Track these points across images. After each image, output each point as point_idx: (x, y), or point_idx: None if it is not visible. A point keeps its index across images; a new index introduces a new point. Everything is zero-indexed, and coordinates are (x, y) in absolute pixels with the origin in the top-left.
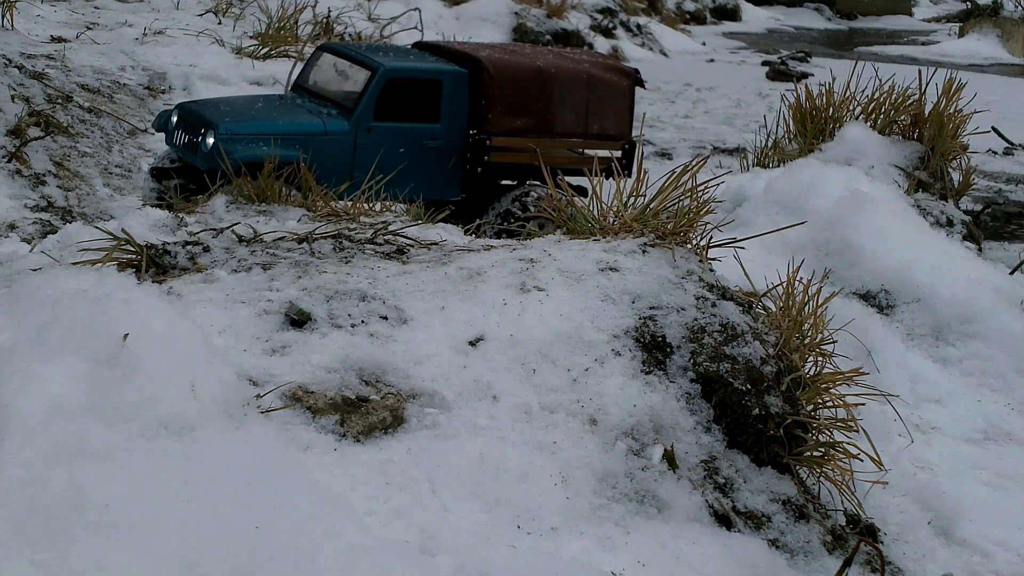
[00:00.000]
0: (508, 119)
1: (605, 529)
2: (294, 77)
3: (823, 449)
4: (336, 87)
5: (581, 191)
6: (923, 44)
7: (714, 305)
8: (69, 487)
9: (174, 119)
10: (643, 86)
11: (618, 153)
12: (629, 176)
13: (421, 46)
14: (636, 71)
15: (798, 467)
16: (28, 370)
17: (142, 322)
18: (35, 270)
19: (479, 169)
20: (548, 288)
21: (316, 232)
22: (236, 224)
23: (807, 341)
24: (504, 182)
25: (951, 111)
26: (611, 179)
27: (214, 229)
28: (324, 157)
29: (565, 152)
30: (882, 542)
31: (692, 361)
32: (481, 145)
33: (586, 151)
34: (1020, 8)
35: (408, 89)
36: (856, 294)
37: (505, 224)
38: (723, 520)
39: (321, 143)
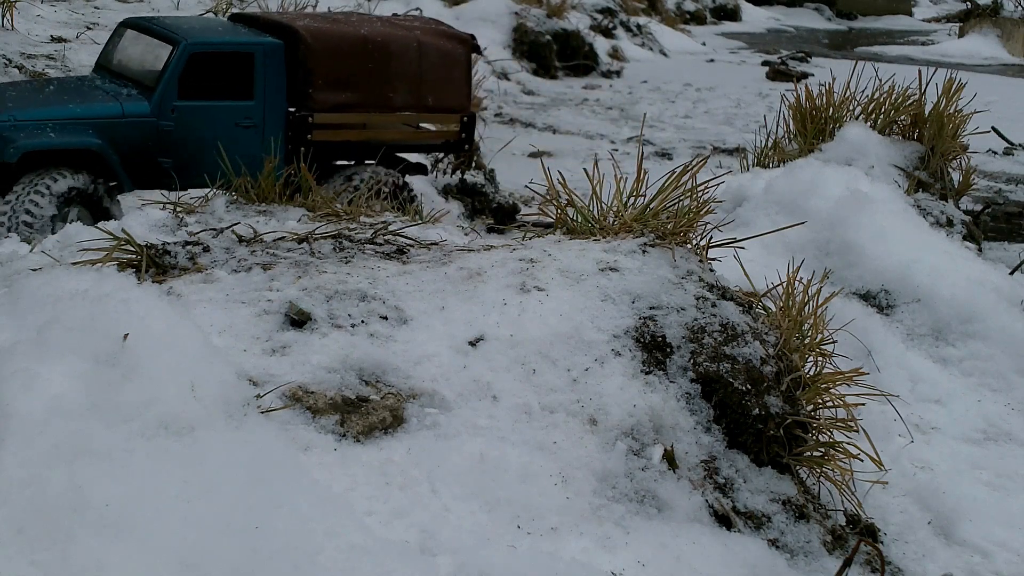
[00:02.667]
0: (332, 93)
1: (605, 529)
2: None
3: (823, 449)
4: (138, 66)
5: (420, 168)
6: (923, 44)
7: (714, 305)
8: (69, 487)
9: None
10: (480, 52)
11: (456, 126)
12: (468, 152)
13: (236, 18)
14: (472, 36)
15: (798, 467)
16: (28, 370)
17: (142, 322)
18: (35, 270)
19: (302, 149)
20: (548, 288)
21: (316, 232)
22: (236, 224)
23: (807, 341)
24: (339, 163)
25: (951, 111)
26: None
27: (214, 229)
28: (124, 143)
29: (400, 127)
30: (882, 542)
31: (692, 361)
32: (303, 123)
33: (423, 125)
34: (1020, 8)
35: (215, 64)
36: (856, 294)
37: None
38: (723, 520)
39: (119, 128)
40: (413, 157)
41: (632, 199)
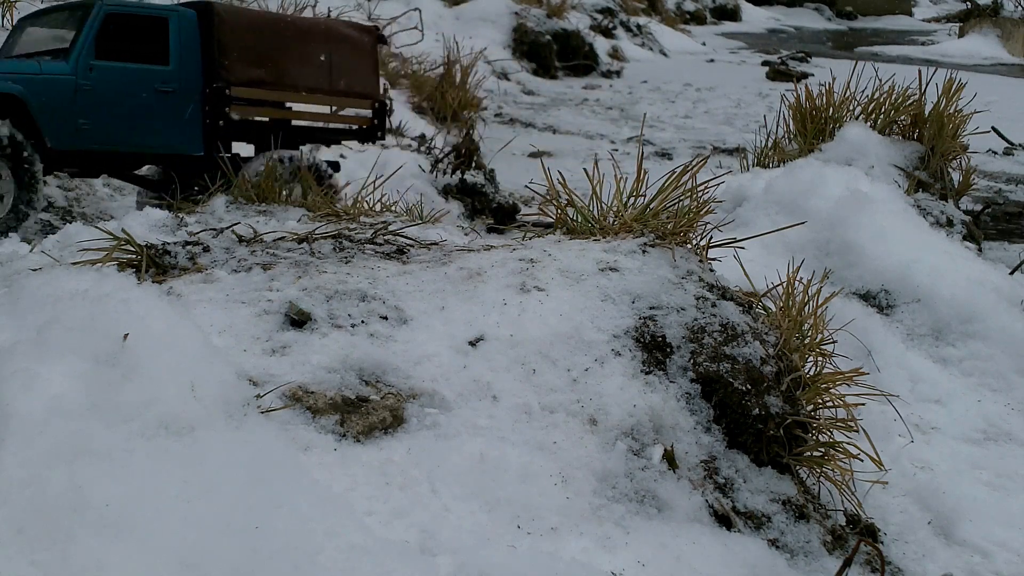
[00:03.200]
0: (246, 68)
1: (605, 529)
2: None
3: (823, 449)
4: (50, 45)
5: (334, 165)
6: (923, 44)
7: (714, 305)
8: (69, 487)
9: None
10: (386, 43)
11: (368, 112)
12: (382, 139)
13: None
14: (378, 27)
15: (798, 467)
16: (28, 370)
17: (142, 322)
18: (35, 270)
19: (221, 122)
20: (548, 288)
21: (316, 232)
22: (236, 224)
23: (807, 341)
24: (248, 144)
25: (951, 111)
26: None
27: (214, 229)
28: (44, 98)
29: (315, 109)
30: (882, 542)
31: (692, 361)
32: (220, 95)
33: (336, 110)
34: (1020, 8)
35: (131, 27)
36: (856, 294)
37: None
38: (723, 520)
39: (39, 83)
40: (325, 155)
41: (632, 199)
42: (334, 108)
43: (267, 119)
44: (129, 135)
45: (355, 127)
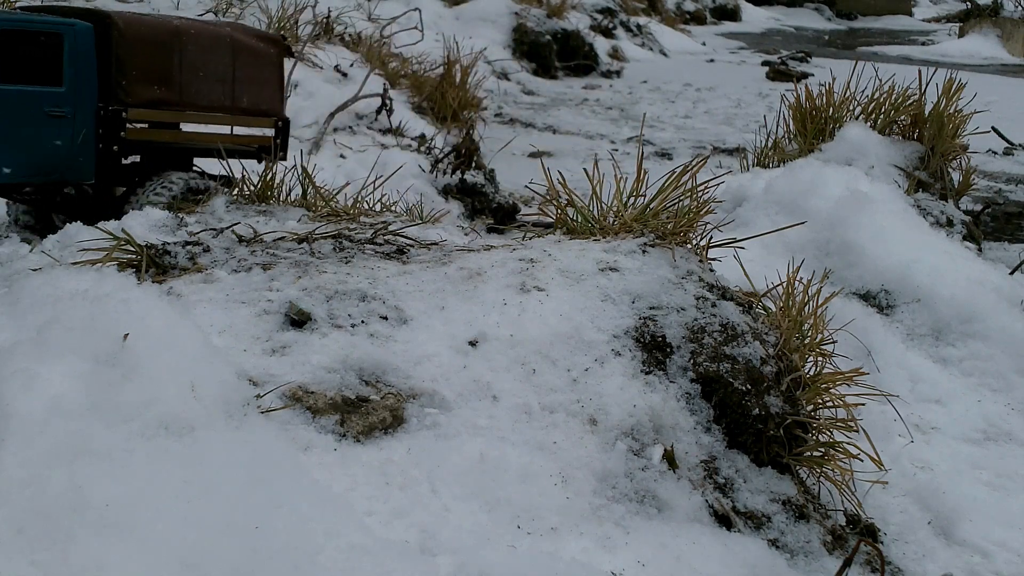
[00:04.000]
0: (145, 88)
1: (605, 529)
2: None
3: (823, 449)
4: None
5: (226, 181)
6: (923, 44)
7: (714, 305)
8: (69, 487)
9: None
10: (292, 55)
11: (271, 131)
12: (283, 159)
13: (48, 9)
14: (284, 37)
15: (798, 467)
16: (28, 370)
17: (142, 322)
18: (35, 270)
19: (115, 147)
20: (548, 288)
21: (316, 232)
22: (236, 224)
23: (807, 341)
24: (139, 167)
25: (951, 111)
26: (264, 162)
27: (214, 229)
28: None
29: (216, 130)
30: (882, 542)
31: (692, 361)
32: (116, 119)
33: (237, 130)
34: (1020, 8)
35: (18, 43)
36: (856, 294)
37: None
38: (723, 520)
39: None
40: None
41: (632, 199)
42: (233, 128)
43: (164, 141)
44: (17, 158)
45: (254, 147)
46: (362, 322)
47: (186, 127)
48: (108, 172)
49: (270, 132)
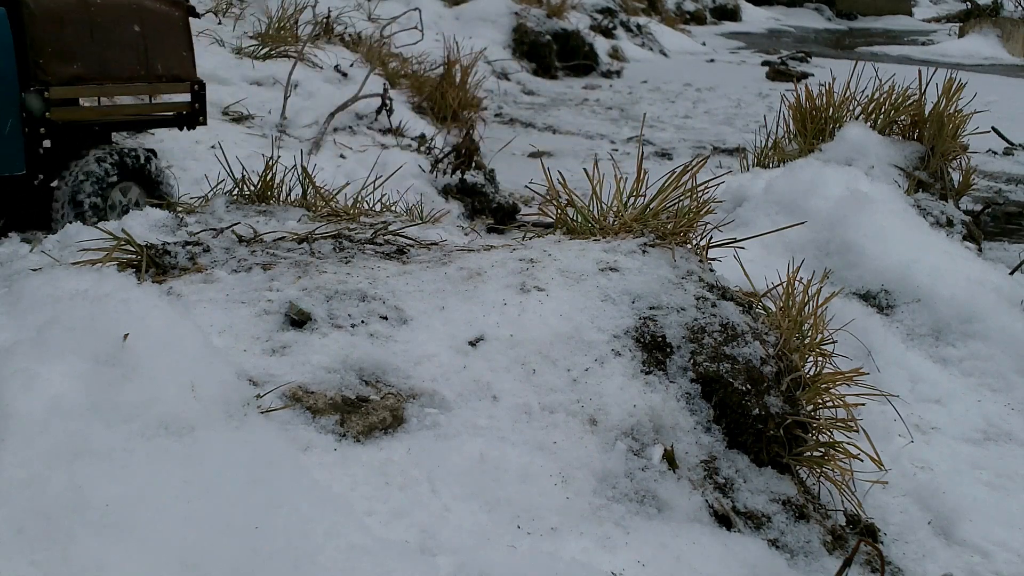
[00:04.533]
0: (63, 65)
1: (605, 529)
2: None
3: (823, 449)
4: None
5: (151, 152)
6: (923, 44)
7: (714, 305)
8: (69, 487)
9: None
10: (196, 15)
11: (187, 96)
12: (204, 124)
13: None
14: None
15: (798, 467)
16: (28, 370)
17: (142, 322)
18: (35, 270)
19: (42, 130)
20: (548, 288)
21: (316, 232)
22: (236, 224)
23: (807, 341)
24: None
25: (951, 111)
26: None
27: (214, 229)
28: None
29: (135, 100)
30: (882, 542)
31: (692, 361)
32: (40, 99)
33: (155, 97)
34: (1020, 8)
35: None
36: (856, 294)
37: (82, 208)
38: (723, 520)
39: None
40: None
41: (632, 199)
42: (152, 96)
43: (89, 119)
44: None
45: (173, 114)
46: (362, 322)
47: (105, 101)
48: (37, 160)
49: (186, 98)
